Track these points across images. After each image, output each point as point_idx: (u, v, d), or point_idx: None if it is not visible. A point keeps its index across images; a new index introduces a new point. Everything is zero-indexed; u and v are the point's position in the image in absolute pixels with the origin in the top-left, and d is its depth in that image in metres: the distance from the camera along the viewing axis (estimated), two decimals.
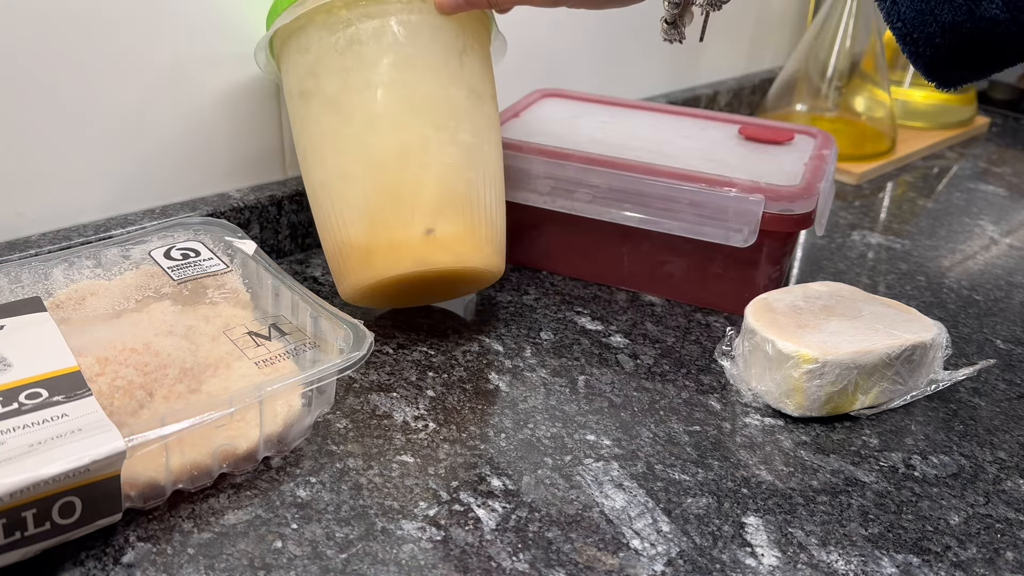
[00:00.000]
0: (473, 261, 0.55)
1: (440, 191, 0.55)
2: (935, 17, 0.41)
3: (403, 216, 0.54)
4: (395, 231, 0.54)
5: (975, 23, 0.41)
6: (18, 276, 0.51)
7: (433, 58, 0.56)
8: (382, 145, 0.54)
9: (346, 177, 0.55)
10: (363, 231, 0.55)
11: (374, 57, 0.55)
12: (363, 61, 0.55)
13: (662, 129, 0.72)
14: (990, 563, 0.43)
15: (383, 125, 0.55)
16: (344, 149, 0.55)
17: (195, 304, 0.51)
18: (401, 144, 0.54)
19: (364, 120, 0.55)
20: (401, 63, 0.55)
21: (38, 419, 0.39)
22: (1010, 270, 0.75)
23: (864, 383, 0.52)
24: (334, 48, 0.55)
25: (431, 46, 0.56)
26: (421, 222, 0.54)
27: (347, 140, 0.55)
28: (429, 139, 0.55)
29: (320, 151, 0.56)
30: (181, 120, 0.64)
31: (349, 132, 0.55)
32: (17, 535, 0.37)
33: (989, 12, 0.40)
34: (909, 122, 1.09)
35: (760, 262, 0.63)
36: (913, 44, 0.43)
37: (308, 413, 0.48)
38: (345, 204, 0.55)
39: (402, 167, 0.54)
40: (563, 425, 0.51)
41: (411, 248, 0.54)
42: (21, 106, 0.56)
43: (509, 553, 0.42)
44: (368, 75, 0.55)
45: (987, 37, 0.41)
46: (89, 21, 0.57)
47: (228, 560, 0.41)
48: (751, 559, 0.43)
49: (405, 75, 0.55)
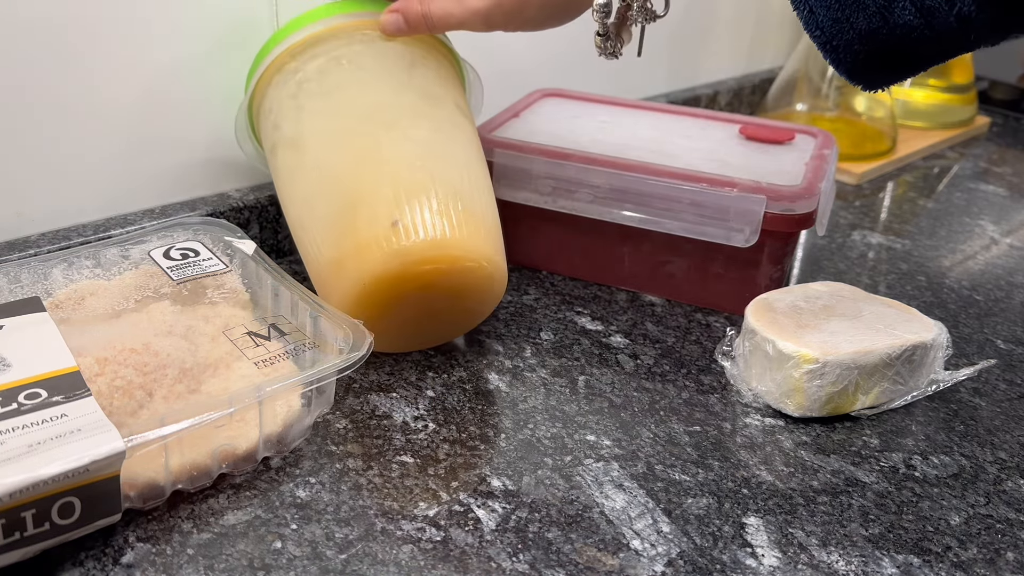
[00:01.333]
0: (450, 247, 0.51)
1: (399, 182, 0.52)
2: (851, 25, 0.42)
3: (365, 216, 0.51)
4: (361, 232, 0.51)
5: (890, 29, 0.41)
6: (17, 276, 0.51)
7: (380, 72, 0.57)
8: (336, 159, 0.54)
9: (310, 202, 0.54)
10: (332, 243, 0.52)
11: (321, 86, 0.56)
12: (311, 94, 0.56)
13: (662, 129, 0.72)
14: (991, 563, 0.43)
15: (334, 140, 0.55)
16: (306, 178, 0.55)
17: (194, 304, 0.51)
18: (354, 152, 0.54)
19: (317, 143, 0.55)
20: (347, 83, 0.56)
21: (37, 419, 0.39)
22: (1010, 270, 0.75)
23: (865, 383, 0.52)
24: (288, 95, 0.57)
25: (377, 64, 0.57)
26: (385, 216, 0.50)
27: (307, 169, 0.55)
28: (380, 139, 0.54)
29: (289, 191, 0.57)
30: (181, 120, 0.64)
31: (307, 160, 0.55)
32: (16, 535, 0.37)
33: (903, 18, 0.41)
34: (909, 122, 1.09)
35: (761, 262, 0.63)
36: (834, 51, 0.43)
37: (308, 413, 0.48)
38: (315, 228, 0.54)
39: (358, 172, 0.53)
40: (563, 425, 0.51)
41: (378, 243, 0.50)
42: (21, 106, 0.56)
43: (509, 554, 0.42)
44: (316, 103, 0.56)
45: (903, 42, 0.42)
46: (89, 21, 0.57)
47: (228, 560, 0.41)
48: (751, 559, 0.43)
49: (351, 91, 0.56)
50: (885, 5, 0.41)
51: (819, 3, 0.42)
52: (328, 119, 0.55)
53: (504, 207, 0.67)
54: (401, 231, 0.50)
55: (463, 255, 0.51)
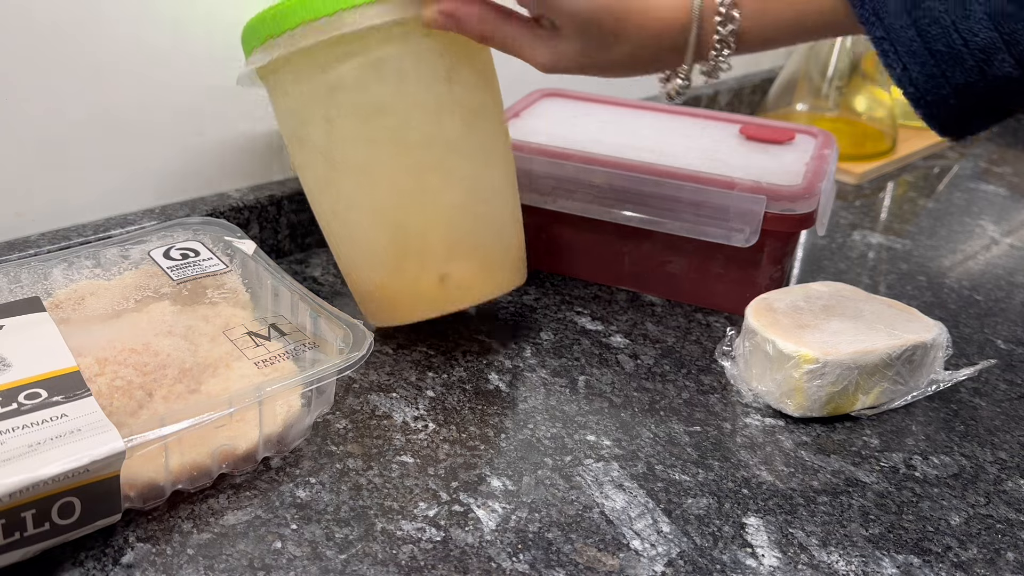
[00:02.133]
0: (489, 294, 0.56)
1: (447, 235, 0.54)
2: (947, 80, 0.42)
3: (414, 265, 0.54)
4: (408, 279, 0.55)
5: (988, 82, 0.41)
6: (17, 276, 0.51)
7: (418, 89, 0.52)
8: (379, 194, 0.53)
9: (348, 223, 0.55)
10: (375, 276, 0.55)
11: (357, 105, 0.52)
12: (346, 111, 0.52)
13: (662, 129, 0.72)
14: (991, 563, 0.43)
15: (375, 173, 0.53)
16: (340, 193, 0.54)
17: (194, 304, 0.51)
18: (397, 189, 0.53)
19: (355, 168, 0.53)
20: (385, 106, 0.52)
21: (37, 419, 0.39)
22: (1011, 270, 0.75)
23: (865, 383, 0.52)
24: (314, 96, 0.52)
25: (414, 76, 0.52)
26: (434, 269, 0.54)
27: (344, 189, 0.54)
28: (427, 183, 0.53)
29: (320, 195, 0.56)
30: (180, 120, 0.64)
31: (343, 178, 0.53)
32: (16, 535, 0.37)
33: (1002, 71, 0.40)
34: (910, 122, 1.08)
35: (761, 262, 0.63)
36: (927, 106, 0.43)
37: (308, 413, 0.48)
38: (353, 247, 0.56)
39: (403, 214, 0.53)
40: (563, 425, 0.51)
41: (427, 296, 0.55)
42: (21, 106, 0.56)
43: (509, 554, 0.42)
44: (351, 126, 0.52)
45: (1000, 93, 0.41)
46: (89, 21, 0.57)
47: (228, 560, 0.41)
48: (751, 560, 0.43)
49: (390, 120, 0.52)
50: (984, 59, 0.40)
51: (913, 60, 0.42)
52: (366, 148, 0.52)
53: None
54: (451, 287, 0.55)
55: (502, 293, 0.57)
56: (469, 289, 0.55)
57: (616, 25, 0.45)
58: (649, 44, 0.46)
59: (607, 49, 0.47)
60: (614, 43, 0.46)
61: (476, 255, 0.55)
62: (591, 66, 0.49)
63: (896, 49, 0.42)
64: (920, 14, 0.41)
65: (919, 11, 0.41)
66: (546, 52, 0.49)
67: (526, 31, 0.49)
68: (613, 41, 0.46)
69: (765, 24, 0.45)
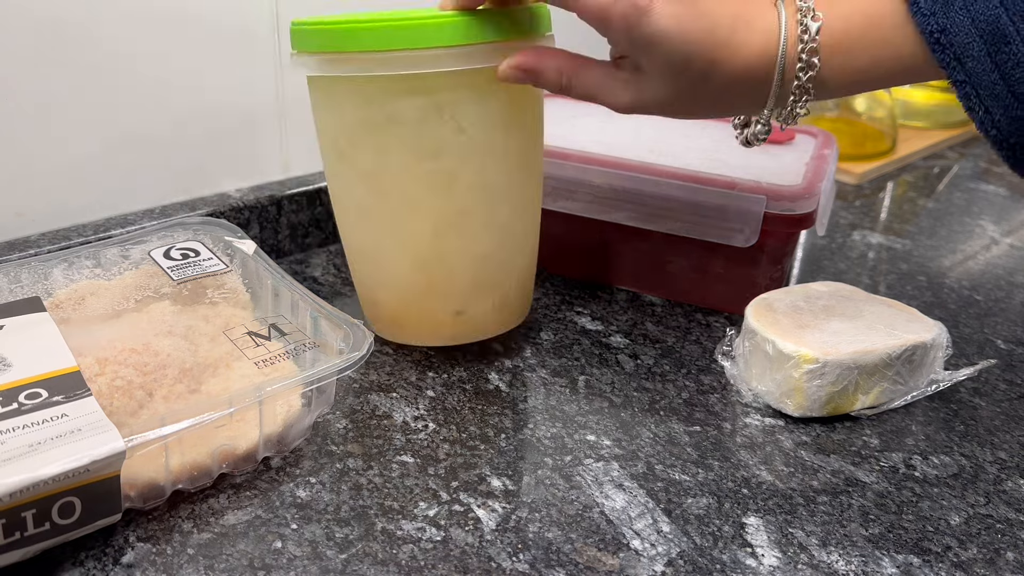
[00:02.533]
0: (496, 332, 0.57)
1: (474, 277, 0.55)
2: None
3: (434, 298, 0.55)
4: (425, 309, 0.55)
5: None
6: (18, 276, 0.51)
7: (475, 136, 0.51)
8: (415, 227, 0.53)
9: (378, 246, 0.55)
10: (394, 299, 0.56)
11: (413, 142, 0.50)
12: (401, 144, 0.50)
13: (662, 129, 0.72)
14: (991, 563, 0.43)
15: (418, 208, 0.52)
16: (376, 220, 0.54)
17: (195, 304, 0.51)
18: (434, 227, 0.52)
19: (399, 201, 0.52)
20: (441, 150, 0.50)
21: (38, 419, 0.39)
22: (1011, 270, 0.75)
23: (865, 383, 0.52)
24: (369, 122, 0.50)
25: (474, 123, 0.50)
26: (452, 305, 0.55)
27: (380, 214, 0.53)
28: (466, 226, 0.53)
29: (351, 213, 0.55)
30: (181, 120, 0.64)
31: (383, 208, 0.53)
32: (17, 535, 0.37)
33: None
34: (909, 122, 1.09)
35: (761, 262, 0.63)
36: (1010, 149, 0.43)
37: (308, 413, 0.48)
38: (375, 267, 0.56)
39: (435, 251, 0.53)
40: (563, 425, 0.51)
41: (441, 327, 0.56)
42: (21, 106, 0.56)
43: (509, 553, 0.42)
44: (405, 161, 0.51)
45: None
46: (89, 21, 0.57)
47: (228, 560, 0.41)
48: (751, 559, 0.43)
49: (443, 162, 0.51)
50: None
51: (996, 103, 0.42)
52: (414, 184, 0.51)
53: None
54: (464, 322, 0.56)
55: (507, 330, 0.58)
56: (479, 325, 0.56)
57: (706, 67, 0.44)
58: (734, 88, 0.45)
59: (693, 91, 0.46)
60: (701, 86, 0.45)
61: (494, 295, 0.56)
62: (675, 107, 0.47)
63: (979, 93, 0.42)
64: (1003, 58, 0.41)
65: (1002, 55, 0.41)
66: (627, 95, 0.47)
67: (606, 76, 0.48)
68: (701, 84, 0.45)
69: (844, 71, 0.45)
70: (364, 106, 0.50)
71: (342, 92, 0.51)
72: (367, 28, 0.47)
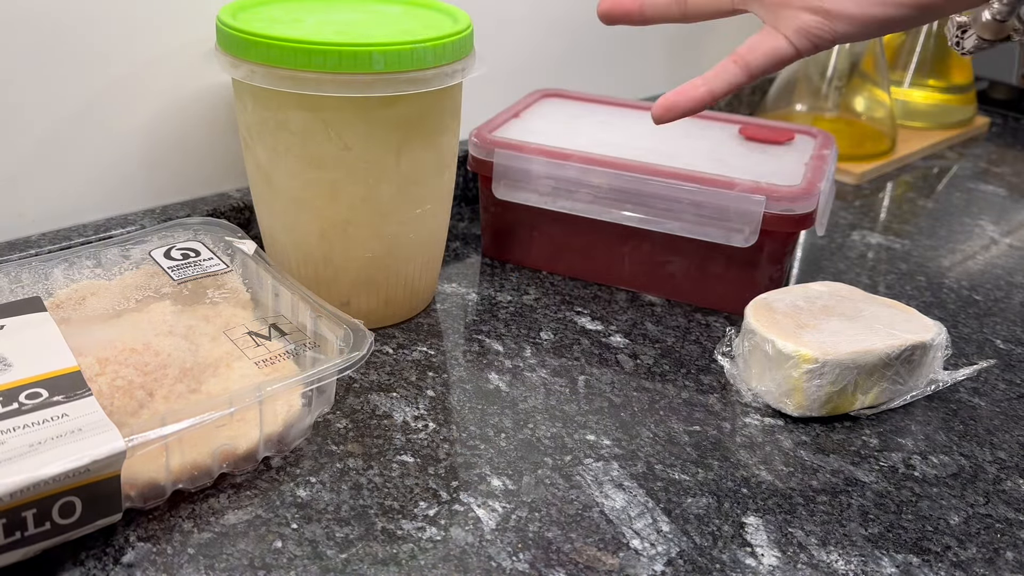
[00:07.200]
0: (383, 323, 0.60)
1: (357, 277, 0.58)
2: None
3: (321, 288, 0.57)
4: (321, 292, 0.57)
5: None
6: (18, 276, 0.51)
7: (362, 157, 0.53)
8: (303, 227, 0.56)
9: (273, 235, 0.59)
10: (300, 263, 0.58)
11: (300, 151, 0.53)
12: (288, 151, 0.53)
13: (662, 129, 0.72)
14: (990, 563, 0.43)
15: (306, 211, 0.55)
16: (271, 212, 0.58)
17: (195, 304, 0.51)
18: (321, 231, 0.56)
19: (289, 200, 0.56)
20: (325, 163, 0.53)
21: (38, 419, 0.39)
22: (1010, 270, 0.75)
23: (864, 383, 0.52)
24: (264, 124, 0.53)
25: (362, 144, 0.53)
26: (338, 296, 0.58)
27: (274, 208, 0.57)
28: (351, 235, 0.56)
29: (256, 199, 0.59)
30: (181, 120, 0.64)
31: (276, 203, 0.57)
32: (17, 535, 0.37)
33: None
34: (909, 122, 1.09)
35: (760, 262, 0.63)
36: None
37: (308, 413, 0.48)
38: (272, 252, 0.59)
39: (321, 251, 0.56)
40: (563, 425, 0.51)
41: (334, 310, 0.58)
42: (21, 106, 0.56)
43: (509, 553, 0.42)
44: (295, 166, 0.54)
45: None
46: (89, 21, 0.57)
47: (228, 560, 0.41)
48: (751, 559, 0.43)
49: (328, 174, 0.53)
50: None
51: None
52: (302, 188, 0.54)
53: (504, 207, 0.67)
54: (352, 311, 0.58)
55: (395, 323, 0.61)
56: (366, 316, 0.58)
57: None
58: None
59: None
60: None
61: (380, 294, 0.59)
62: None
63: None
64: None
65: None
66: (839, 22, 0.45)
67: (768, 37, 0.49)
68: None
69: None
70: (260, 109, 0.53)
71: (243, 90, 0.54)
72: (261, 42, 0.50)
